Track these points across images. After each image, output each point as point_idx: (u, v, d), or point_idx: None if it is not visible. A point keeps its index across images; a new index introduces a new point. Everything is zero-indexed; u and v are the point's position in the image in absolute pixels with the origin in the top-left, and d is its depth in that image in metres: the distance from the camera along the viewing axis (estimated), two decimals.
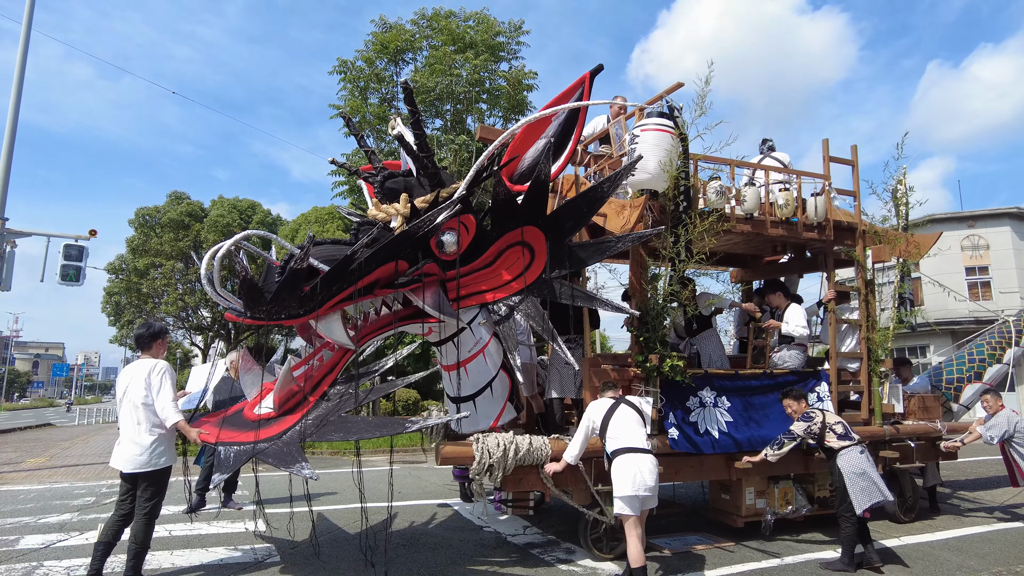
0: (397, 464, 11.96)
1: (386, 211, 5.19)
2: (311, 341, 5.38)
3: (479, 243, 5.25)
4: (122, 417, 4.70)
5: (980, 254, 22.88)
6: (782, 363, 6.61)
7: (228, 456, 4.48)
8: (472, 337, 5.34)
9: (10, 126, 10.53)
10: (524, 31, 17.88)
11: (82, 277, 10.81)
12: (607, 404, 5.02)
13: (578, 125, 5.32)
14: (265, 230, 24.54)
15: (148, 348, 4.86)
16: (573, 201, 5.30)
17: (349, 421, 4.65)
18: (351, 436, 4.55)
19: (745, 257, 8.46)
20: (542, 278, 5.27)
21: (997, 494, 8.35)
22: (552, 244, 5.27)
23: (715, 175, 6.11)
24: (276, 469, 4.61)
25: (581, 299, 5.41)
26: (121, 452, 4.63)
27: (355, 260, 4.56)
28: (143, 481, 4.62)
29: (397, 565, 5.26)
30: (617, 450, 4.74)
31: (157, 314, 24.59)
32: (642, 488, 4.57)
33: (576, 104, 5.22)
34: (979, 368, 8.19)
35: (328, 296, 4.55)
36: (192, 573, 5.10)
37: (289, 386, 4.86)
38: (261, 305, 4.43)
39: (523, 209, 5.20)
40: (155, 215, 25.01)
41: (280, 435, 4.54)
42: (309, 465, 4.25)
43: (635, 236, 5.26)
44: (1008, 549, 5.89)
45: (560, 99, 5.42)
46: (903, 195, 7.09)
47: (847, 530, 5.33)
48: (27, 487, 9.35)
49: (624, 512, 4.61)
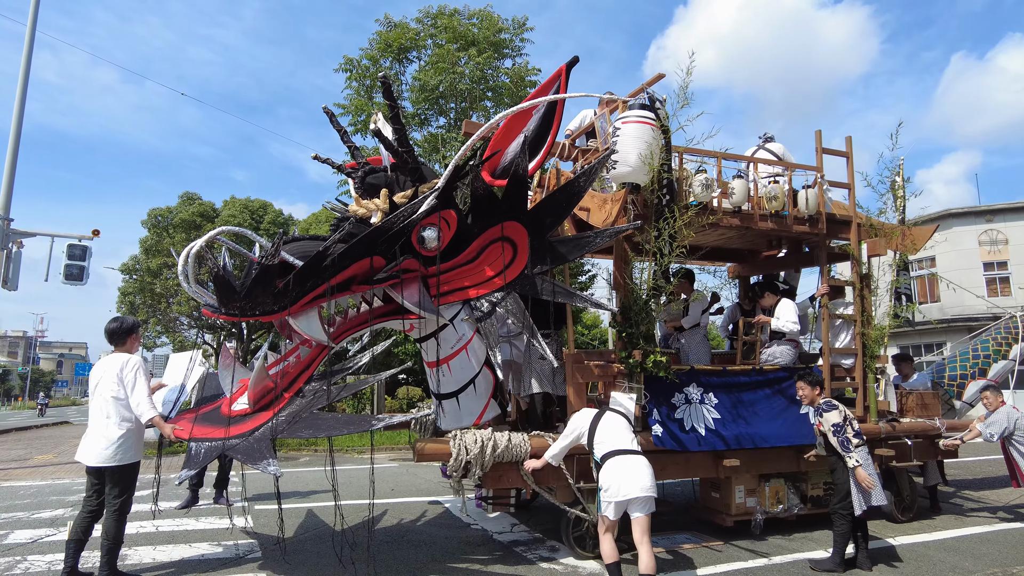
0: (394, 462, 11.96)
1: (366, 207, 5.18)
2: (291, 337, 5.38)
3: (461, 239, 5.20)
4: (91, 411, 4.66)
5: (999, 249, 22.37)
6: (772, 359, 6.48)
7: (198, 452, 4.45)
8: (455, 333, 5.31)
9: (14, 129, 10.69)
10: (528, 28, 17.82)
11: (85, 276, 10.94)
12: (591, 414, 4.87)
13: (555, 119, 5.25)
14: (277, 229, 24.75)
15: (122, 343, 4.81)
16: (552, 196, 5.25)
17: (320, 418, 4.62)
18: (320, 433, 4.54)
19: (742, 252, 8.32)
20: (524, 274, 5.22)
21: (1002, 494, 8.13)
22: (533, 240, 5.22)
23: (701, 168, 6.00)
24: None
25: (562, 295, 5.35)
26: (87, 445, 4.57)
27: (328, 256, 4.54)
28: (110, 477, 4.56)
29: (378, 562, 5.23)
30: (607, 454, 4.60)
31: (170, 313, 24.89)
32: (636, 489, 4.39)
33: (555, 97, 5.15)
34: (983, 365, 7.98)
35: (302, 292, 4.53)
36: (173, 568, 5.12)
37: (263, 383, 4.85)
38: (235, 301, 4.42)
39: (504, 204, 5.15)
40: (167, 216, 25.29)
41: (252, 432, 4.53)
42: (276, 462, 4.24)
43: (613, 231, 5.19)
44: (1006, 550, 5.72)
45: (538, 93, 5.36)
46: (900, 188, 6.92)
47: (841, 528, 5.20)
48: (28, 483, 9.49)
49: (607, 513, 4.46)
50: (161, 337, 28.58)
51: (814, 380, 5.49)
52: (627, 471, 4.44)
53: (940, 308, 22.10)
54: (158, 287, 24.58)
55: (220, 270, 4.41)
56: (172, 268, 24.49)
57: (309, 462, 12.09)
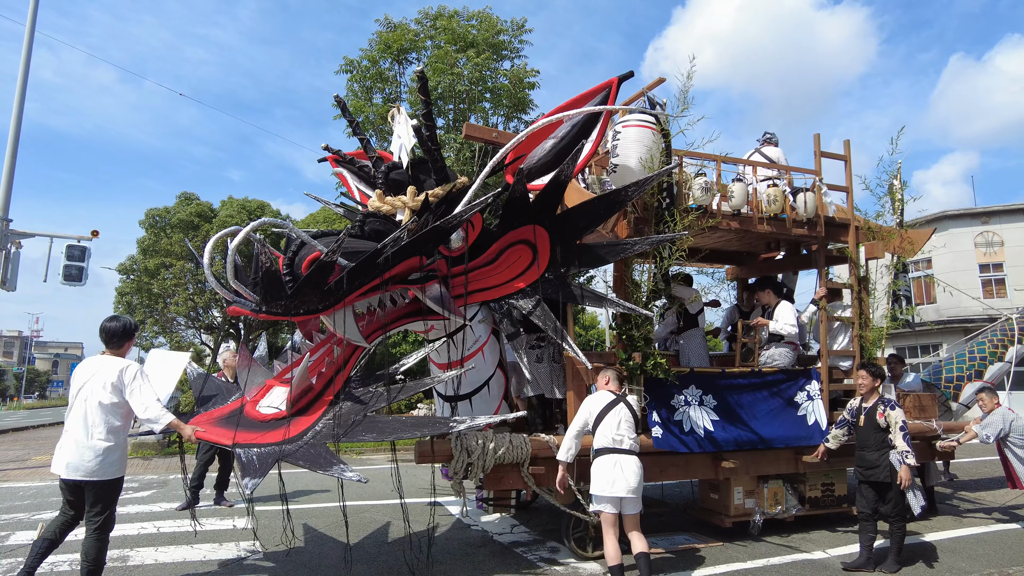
0: (392, 463, 11.94)
1: (391, 203, 5.07)
2: (310, 337, 5.35)
3: (481, 240, 5.20)
4: (72, 417, 4.12)
5: (994, 251, 22.47)
6: (771, 361, 6.52)
7: (251, 459, 4.19)
8: (472, 335, 5.30)
9: (13, 130, 10.69)
10: (527, 29, 17.84)
11: (84, 277, 10.94)
12: (606, 399, 4.83)
13: (599, 129, 5.26)
14: (275, 230, 24.74)
15: (119, 346, 4.35)
16: (592, 202, 5.20)
17: (381, 421, 4.54)
18: (385, 436, 4.45)
19: (740, 254, 8.36)
20: (545, 277, 5.22)
21: (999, 495, 8.18)
22: (561, 243, 5.20)
23: (701, 171, 6.04)
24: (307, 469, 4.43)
25: (591, 299, 5.37)
26: (66, 456, 4.04)
27: (383, 254, 4.45)
28: (90, 492, 4.06)
29: (378, 563, 5.26)
30: (601, 448, 4.67)
31: (168, 314, 24.86)
32: (622, 490, 4.49)
33: (597, 108, 5.17)
34: (980, 367, 8.02)
35: (351, 290, 4.44)
36: (176, 570, 5.13)
37: (305, 383, 4.75)
38: (281, 299, 4.28)
39: (534, 208, 5.13)
40: (165, 216, 25.28)
41: (300, 435, 4.39)
42: (347, 466, 4.12)
43: (656, 239, 5.24)
44: (1003, 551, 5.77)
45: (581, 99, 5.33)
46: (898, 190, 6.96)
47: (900, 532, 5.24)
48: (28, 484, 9.49)
49: (606, 510, 4.56)
50: (158, 337, 28.54)
51: (876, 371, 5.49)
52: (616, 471, 4.53)
53: (936, 310, 22.19)
54: (155, 287, 24.54)
55: (271, 265, 4.20)
56: (169, 268, 24.49)
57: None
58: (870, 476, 5.30)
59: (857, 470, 5.46)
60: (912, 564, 5.37)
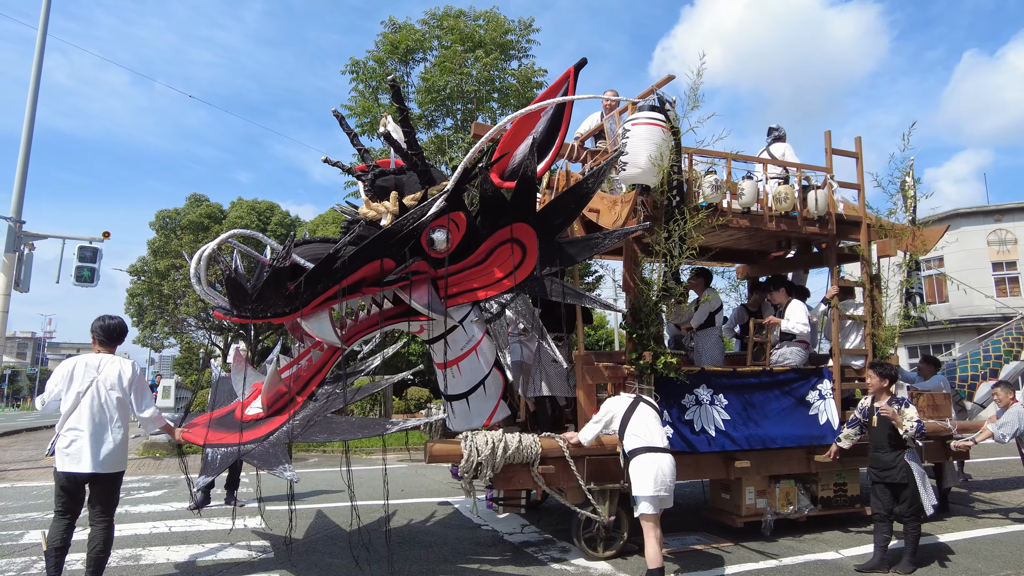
0: (403, 462, 11.99)
1: (375, 209, 5.19)
2: (302, 340, 5.40)
3: (470, 241, 5.20)
4: (82, 413, 4.19)
5: (1007, 249, 22.24)
6: (783, 360, 6.47)
7: (215, 458, 4.46)
8: (464, 335, 5.32)
9: (26, 133, 10.77)
10: (534, 29, 17.85)
11: (96, 278, 11.01)
12: (627, 400, 4.92)
13: (563, 120, 5.27)
14: (284, 231, 24.85)
15: (115, 345, 4.55)
16: (561, 198, 5.25)
17: (334, 422, 4.65)
18: (335, 437, 4.57)
19: (751, 252, 8.31)
20: (534, 275, 5.24)
21: (1015, 495, 8.08)
22: (542, 241, 5.24)
23: (711, 169, 6.00)
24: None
25: (572, 296, 5.37)
26: (80, 451, 4.13)
27: (338, 258, 4.57)
28: (102, 485, 4.25)
29: (390, 562, 5.25)
30: (637, 448, 4.68)
31: (178, 315, 25.03)
32: (663, 488, 4.54)
33: (563, 99, 5.17)
34: (995, 365, 7.92)
35: (313, 294, 4.56)
36: (187, 569, 5.15)
37: (276, 387, 4.87)
38: (247, 303, 4.45)
39: (512, 206, 5.17)
40: (175, 217, 25.45)
41: (266, 436, 4.55)
42: (292, 467, 4.28)
43: (622, 232, 5.20)
44: (1020, 552, 5.69)
45: (547, 95, 5.37)
46: (910, 187, 6.90)
47: (915, 532, 5.20)
48: (41, 483, 9.56)
49: (648, 512, 4.56)
50: (169, 338, 28.75)
51: (885, 372, 5.39)
52: (663, 469, 4.57)
53: (949, 308, 21.98)
54: (166, 288, 24.71)
55: (231, 272, 4.44)
56: (180, 270, 24.64)
57: (318, 463, 12.14)
58: (885, 477, 5.23)
59: (871, 471, 5.39)
60: (927, 565, 5.30)
